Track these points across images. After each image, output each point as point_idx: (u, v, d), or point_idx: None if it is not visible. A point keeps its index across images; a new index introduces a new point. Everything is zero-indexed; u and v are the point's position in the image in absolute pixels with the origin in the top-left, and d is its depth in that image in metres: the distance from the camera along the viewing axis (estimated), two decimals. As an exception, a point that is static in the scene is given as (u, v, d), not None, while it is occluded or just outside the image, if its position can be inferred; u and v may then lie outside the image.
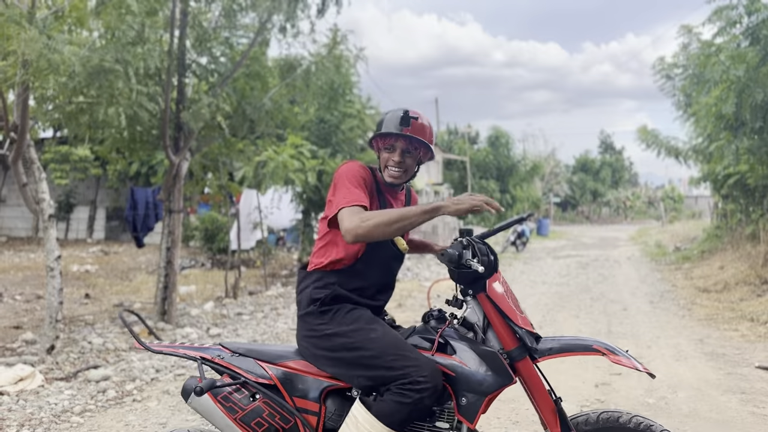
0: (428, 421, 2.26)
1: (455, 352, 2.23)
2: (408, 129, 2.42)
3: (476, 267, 2.16)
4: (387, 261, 2.47)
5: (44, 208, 6.10)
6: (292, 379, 2.32)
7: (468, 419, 2.17)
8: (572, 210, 49.30)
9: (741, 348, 6.30)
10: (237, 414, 2.28)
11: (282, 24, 7.47)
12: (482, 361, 2.20)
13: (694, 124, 13.53)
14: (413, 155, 2.46)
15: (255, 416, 2.28)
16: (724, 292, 9.62)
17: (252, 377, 2.31)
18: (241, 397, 2.31)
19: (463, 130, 35.17)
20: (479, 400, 2.16)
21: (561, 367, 5.38)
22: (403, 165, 2.45)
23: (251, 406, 2.29)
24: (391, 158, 2.44)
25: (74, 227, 21.17)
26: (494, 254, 2.26)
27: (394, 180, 2.47)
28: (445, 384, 2.19)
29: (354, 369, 2.27)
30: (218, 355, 2.39)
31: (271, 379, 2.31)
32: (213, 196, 13.94)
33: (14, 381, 4.98)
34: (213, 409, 2.30)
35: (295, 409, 2.27)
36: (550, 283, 11.70)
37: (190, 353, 2.40)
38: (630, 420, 2.26)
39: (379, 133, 2.48)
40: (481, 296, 2.25)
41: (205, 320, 7.84)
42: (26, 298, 9.58)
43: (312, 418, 2.27)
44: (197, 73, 7.59)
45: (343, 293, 2.38)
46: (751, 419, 4.21)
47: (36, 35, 5.12)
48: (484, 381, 2.17)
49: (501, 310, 2.23)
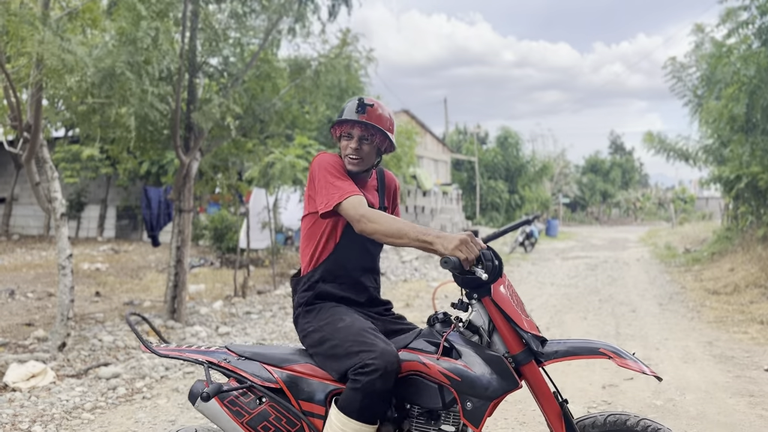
0: (434, 424, 2.26)
1: (460, 356, 2.22)
2: (364, 116, 2.47)
3: (480, 274, 2.13)
4: (363, 245, 2.50)
5: (56, 206, 6.17)
6: (298, 383, 2.33)
7: (473, 423, 2.17)
8: (581, 211, 49.13)
9: (750, 351, 6.27)
10: (244, 418, 2.30)
11: (291, 26, 7.51)
12: (487, 366, 2.19)
13: (705, 126, 13.47)
14: (370, 142, 2.50)
15: (262, 420, 2.29)
16: (734, 295, 9.57)
17: (258, 381, 2.32)
18: (248, 400, 2.32)
19: (473, 130, 35.13)
20: (484, 404, 2.16)
21: (568, 369, 5.39)
22: (360, 152, 2.49)
23: (258, 410, 2.30)
24: (349, 145, 2.49)
25: (85, 226, 21.32)
26: (499, 259, 2.24)
27: (353, 167, 2.50)
28: (450, 388, 2.19)
29: (328, 361, 2.31)
30: (224, 359, 2.40)
31: (278, 383, 2.32)
32: (223, 195, 14.01)
33: (26, 377, 5.04)
34: (220, 413, 2.31)
35: (301, 413, 2.28)
36: (558, 285, 11.68)
37: (197, 357, 2.42)
38: (638, 423, 2.24)
39: (336, 121, 2.54)
40: (486, 300, 2.24)
41: (214, 319, 7.89)
42: (38, 296, 9.67)
43: (318, 421, 2.28)
44: (208, 74, 7.65)
45: (326, 289, 2.46)
46: (759, 422, 4.20)
47: (50, 36, 5.18)
48: (490, 386, 2.16)
49: (506, 314, 2.22)
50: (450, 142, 35.33)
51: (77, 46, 5.39)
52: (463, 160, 31.65)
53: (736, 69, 9.37)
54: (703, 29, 14.08)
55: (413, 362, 2.25)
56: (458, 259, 2.09)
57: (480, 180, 29.24)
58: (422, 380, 2.23)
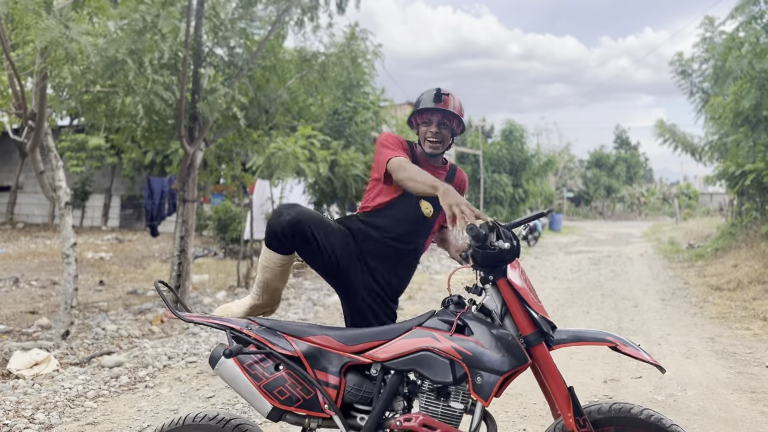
0: (443, 401, 2.32)
1: (473, 333, 2.30)
2: (441, 104, 2.81)
3: (502, 245, 2.26)
4: (409, 216, 2.83)
5: (60, 195, 6.18)
6: (315, 353, 2.40)
7: (482, 397, 2.24)
8: (585, 205, 49.02)
9: (753, 347, 6.27)
10: (261, 381, 2.37)
11: (299, 17, 7.48)
12: (498, 342, 2.27)
13: (711, 120, 13.41)
14: (448, 127, 2.86)
15: (278, 385, 2.37)
16: (737, 291, 9.55)
17: (277, 349, 2.40)
18: (266, 366, 2.40)
19: (477, 123, 35.02)
20: (494, 379, 2.23)
21: (570, 363, 5.39)
22: (440, 135, 2.85)
23: (275, 376, 2.38)
24: (429, 130, 2.85)
25: (89, 215, 21.38)
26: (517, 240, 2.33)
27: (434, 150, 2.86)
28: (462, 363, 2.26)
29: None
30: (246, 327, 2.48)
31: (296, 352, 2.39)
32: (227, 186, 14.00)
33: (30, 365, 5.07)
34: (239, 375, 2.39)
35: (316, 381, 2.35)
36: (561, 279, 11.68)
37: (220, 323, 2.49)
38: (641, 412, 2.31)
39: (417, 110, 2.87)
40: (501, 281, 2.33)
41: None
42: (42, 284, 9.71)
43: (332, 390, 2.36)
44: (213, 64, 7.63)
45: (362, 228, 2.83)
46: (760, 419, 4.20)
47: (53, 24, 5.17)
48: (500, 360, 2.24)
49: (520, 295, 2.31)
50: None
51: (81, 35, 5.37)
52: (467, 153, 31.58)
53: (748, 61, 9.29)
54: (713, 22, 13.98)
55: (426, 338, 2.32)
56: (483, 232, 2.24)
57: (484, 173, 29.17)
58: (434, 356, 2.29)
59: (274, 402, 2.36)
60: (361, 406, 2.40)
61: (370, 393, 2.38)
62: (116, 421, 4.13)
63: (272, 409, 2.38)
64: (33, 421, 4.06)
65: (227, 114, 7.39)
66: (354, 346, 2.40)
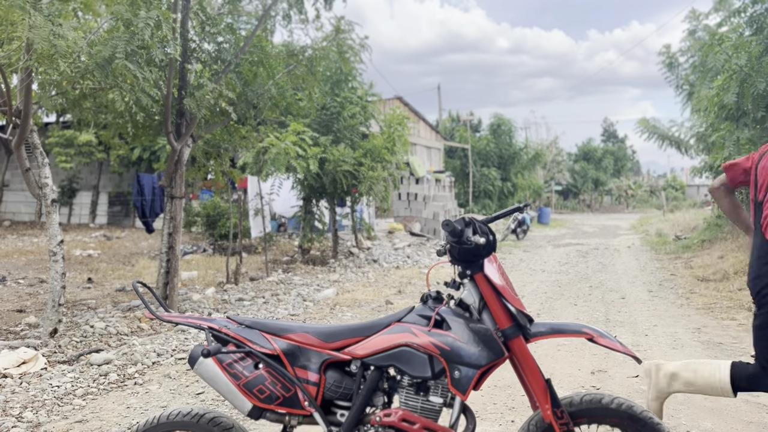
0: (422, 395, 2.35)
1: (451, 328, 2.34)
2: None
3: (477, 240, 2.28)
4: None
5: (47, 193, 6.14)
6: (295, 351, 2.42)
7: (460, 391, 2.28)
8: (574, 198, 49.24)
9: (738, 337, 6.34)
10: (240, 380, 2.38)
11: (286, 11, 7.46)
12: (476, 337, 2.31)
13: (696, 114, 13.51)
14: None
15: (257, 383, 2.38)
16: (723, 282, 9.65)
17: (257, 347, 2.41)
18: (246, 365, 2.41)
19: (465, 117, 35.05)
20: (472, 373, 2.27)
21: (557, 355, 5.44)
22: None
23: (254, 374, 2.39)
24: None
25: (77, 212, 21.24)
26: (493, 235, 2.37)
27: None
28: (440, 358, 2.29)
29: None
30: (225, 326, 2.49)
31: (275, 350, 2.41)
32: (215, 182, 13.95)
33: (17, 364, 5.05)
34: (218, 374, 2.40)
35: (296, 379, 2.37)
36: (550, 272, 11.75)
37: (199, 323, 2.50)
38: (612, 401, 2.38)
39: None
40: (479, 276, 2.35)
41: (207, 305, 7.90)
42: (29, 282, 9.65)
43: (312, 388, 2.38)
44: (201, 60, 7.59)
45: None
46: (745, 407, 4.26)
47: (40, 21, 5.13)
48: (477, 354, 2.28)
49: (497, 289, 2.34)
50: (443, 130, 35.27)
51: (68, 31, 5.32)
52: (456, 147, 31.64)
53: (728, 57, 9.39)
54: (698, 16, 14.09)
55: (405, 334, 2.35)
56: (458, 227, 2.26)
57: (473, 167, 29.23)
58: (413, 351, 2.32)
59: (253, 400, 2.38)
60: (342, 403, 2.42)
61: (350, 389, 2.39)
62: (105, 418, 4.13)
63: (252, 407, 2.39)
64: (21, 420, 4.04)
65: (215, 110, 7.36)
66: (333, 342, 2.42)
